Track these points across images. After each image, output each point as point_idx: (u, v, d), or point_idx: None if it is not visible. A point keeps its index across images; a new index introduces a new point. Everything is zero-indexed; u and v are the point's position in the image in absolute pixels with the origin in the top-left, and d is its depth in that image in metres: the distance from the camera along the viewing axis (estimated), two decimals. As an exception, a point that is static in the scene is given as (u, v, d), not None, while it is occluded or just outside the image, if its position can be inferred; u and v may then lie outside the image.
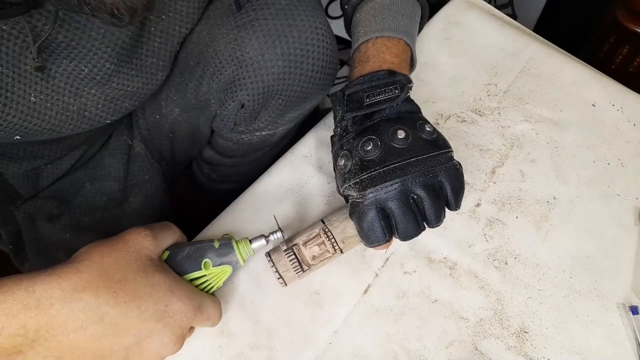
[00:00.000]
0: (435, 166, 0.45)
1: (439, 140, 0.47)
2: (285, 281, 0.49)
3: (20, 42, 0.44)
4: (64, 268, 0.40)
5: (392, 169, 0.45)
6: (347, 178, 0.47)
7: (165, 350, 0.43)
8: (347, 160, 0.48)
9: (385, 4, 0.56)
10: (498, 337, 0.52)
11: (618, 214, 0.59)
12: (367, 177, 0.46)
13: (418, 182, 0.45)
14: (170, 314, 0.43)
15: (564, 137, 0.64)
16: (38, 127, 0.51)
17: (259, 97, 0.57)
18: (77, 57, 0.49)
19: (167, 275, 0.44)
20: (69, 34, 0.47)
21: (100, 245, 0.43)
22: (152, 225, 0.47)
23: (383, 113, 0.48)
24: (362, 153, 0.47)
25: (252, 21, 0.54)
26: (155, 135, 0.72)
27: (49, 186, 0.67)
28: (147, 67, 0.56)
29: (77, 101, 0.52)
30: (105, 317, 0.40)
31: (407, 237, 0.47)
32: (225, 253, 0.49)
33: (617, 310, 0.53)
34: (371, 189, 0.45)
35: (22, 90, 0.47)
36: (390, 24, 0.55)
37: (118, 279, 0.41)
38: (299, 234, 0.50)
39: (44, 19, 0.44)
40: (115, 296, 0.40)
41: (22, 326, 0.37)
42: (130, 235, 0.45)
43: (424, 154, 0.46)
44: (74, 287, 0.39)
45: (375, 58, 0.53)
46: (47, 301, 0.38)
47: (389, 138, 0.46)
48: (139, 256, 0.43)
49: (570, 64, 0.71)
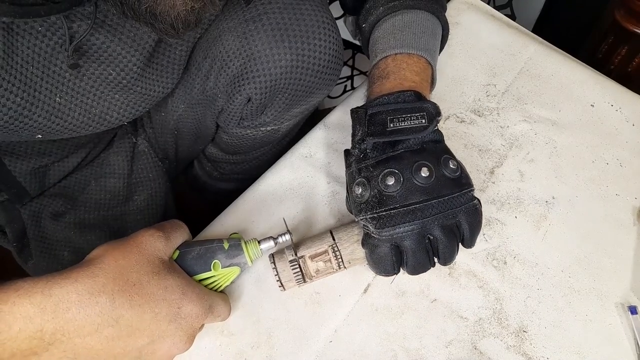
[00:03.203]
0: (456, 207, 0.45)
1: (462, 178, 0.46)
2: (284, 288, 0.50)
3: (52, 44, 0.45)
4: (79, 271, 0.40)
5: (412, 210, 0.44)
6: (364, 209, 0.46)
7: (176, 349, 0.44)
8: (364, 190, 0.46)
9: (406, 20, 0.55)
10: (497, 337, 0.52)
11: (617, 214, 0.59)
12: (386, 214, 0.44)
13: (437, 224, 0.44)
14: (183, 315, 0.43)
15: (562, 137, 0.65)
16: (60, 127, 0.51)
17: (266, 91, 0.57)
18: (106, 61, 0.49)
19: (179, 277, 0.45)
20: (101, 37, 0.47)
21: (113, 248, 0.43)
22: (163, 225, 0.47)
23: (407, 143, 0.46)
24: (382, 187, 0.45)
25: (260, 15, 0.54)
26: (160, 133, 0.73)
27: (56, 184, 0.68)
28: (166, 71, 0.57)
29: (100, 104, 0.53)
30: (120, 319, 0.40)
31: (416, 273, 0.47)
32: (234, 254, 0.49)
33: (615, 310, 0.54)
34: (389, 228, 0.44)
35: (49, 91, 0.48)
36: (410, 41, 0.53)
37: (133, 282, 0.41)
38: (306, 245, 0.50)
39: (78, 20, 0.44)
40: (130, 299, 0.41)
41: (39, 329, 0.38)
42: (142, 237, 0.45)
43: (446, 194, 0.44)
44: (90, 291, 0.40)
45: (396, 75, 0.52)
46: (64, 305, 0.39)
47: (412, 174, 0.44)
48: (152, 258, 0.44)
49: (569, 64, 0.71)
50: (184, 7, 0.39)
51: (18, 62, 0.44)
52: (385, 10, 0.56)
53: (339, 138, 0.63)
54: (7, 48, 0.42)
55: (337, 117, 0.65)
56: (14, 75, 0.44)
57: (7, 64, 0.43)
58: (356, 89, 0.69)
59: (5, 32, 0.42)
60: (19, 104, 0.45)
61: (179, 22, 0.40)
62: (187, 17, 0.41)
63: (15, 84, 0.44)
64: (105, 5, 0.44)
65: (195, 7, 0.40)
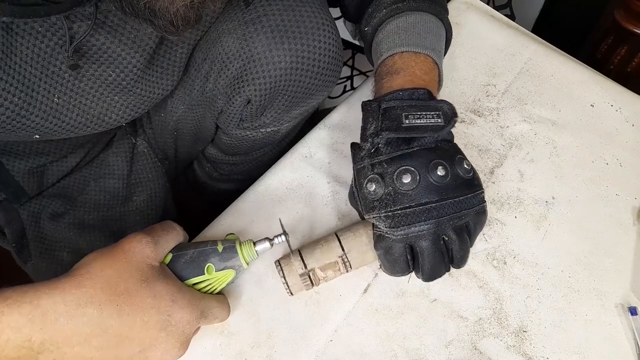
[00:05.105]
0: (469, 208, 0.45)
1: (474, 180, 0.46)
2: (292, 294, 0.50)
3: (52, 44, 0.45)
4: (67, 281, 0.40)
5: (428, 209, 0.43)
6: (377, 207, 0.45)
7: (169, 356, 0.44)
8: (378, 187, 0.45)
9: (410, 22, 0.54)
10: (497, 337, 0.52)
11: (616, 214, 0.59)
12: (401, 212, 0.44)
13: (451, 225, 0.44)
14: (173, 322, 0.43)
15: (562, 138, 0.65)
16: (58, 127, 0.51)
17: (266, 92, 0.57)
18: (106, 62, 0.49)
19: (169, 284, 0.44)
20: (101, 37, 0.47)
21: (100, 256, 0.43)
22: (154, 229, 0.47)
23: (422, 141, 0.45)
24: (398, 184, 0.44)
25: (260, 17, 0.54)
26: (160, 134, 0.73)
27: (54, 184, 0.68)
28: (166, 73, 0.56)
29: (99, 105, 0.53)
30: (109, 329, 0.40)
31: (432, 278, 0.46)
32: (228, 257, 0.48)
33: (615, 310, 0.54)
34: (403, 227, 0.44)
35: (47, 91, 0.47)
36: (416, 40, 0.52)
37: (120, 291, 0.41)
38: (314, 255, 0.49)
39: (79, 20, 0.44)
40: (118, 309, 0.41)
41: (28, 339, 0.38)
42: (130, 244, 0.44)
43: (461, 195, 0.44)
44: (78, 302, 0.39)
45: (406, 72, 0.51)
46: (52, 316, 0.38)
47: (428, 173, 0.44)
48: (140, 266, 0.43)
49: (568, 65, 0.71)
50: (183, 2, 0.39)
51: (17, 62, 0.43)
52: (388, 12, 0.55)
53: (339, 138, 0.63)
54: (6, 48, 0.42)
55: (337, 117, 0.65)
56: (12, 75, 0.44)
57: (5, 64, 0.43)
58: (356, 89, 0.69)
59: (5, 32, 0.41)
60: (16, 104, 0.45)
61: (178, 18, 0.40)
62: (186, 13, 0.40)
63: (14, 84, 0.44)
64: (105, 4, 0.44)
65: (195, 2, 0.40)
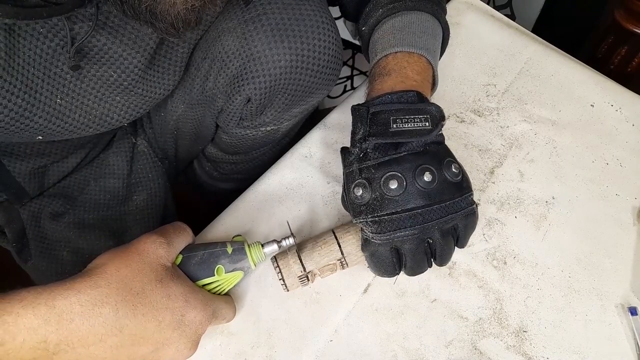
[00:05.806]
0: (456, 211, 0.45)
1: (463, 182, 0.46)
2: (288, 290, 0.51)
3: (54, 45, 0.45)
4: (82, 282, 0.40)
5: (414, 215, 0.44)
6: (364, 211, 0.46)
7: (180, 356, 0.44)
8: (365, 192, 0.45)
9: (405, 21, 0.54)
10: (497, 337, 0.52)
11: (617, 214, 0.59)
12: (387, 218, 0.44)
13: (436, 228, 0.44)
14: (186, 322, 0.44)
15: (562, 137, 0.65)
16: (60, 128, 0.51)
17: (266, 91, 0.57)
18: (107, 62, 0.49)
19: (182, 284, 0.45)
20: (102, 38, 0.47)
21: (115, 257, 0.43)
22: (166, 230, 0.47)
23: (410, 145, 0.46)
24: (385, 190, 0.44)
25: (260, 15, 0.54)
26: (160, 133, 0.73)
27: (55, 184, 0.68)
28: (167, 73, 0.57)
29: (100, 106, 0.53)
30: (124, 329, 0.40)
31: (414, 274, 0.47)
32: (238, 259, 0.49)
33: (615, 310, 0.54)
34: (389, 232, 0.44)
35: (50, 92, 0.47)
36: (410, 40, 0.53)
37: (136, 291, 0.41)
38: (312, 256, 0.50)
39: (80, 21, 0.44)
40: (133, 309, 0.41)
41: (43, 340, 0.38)
42: (144, 244, 0.44)
43: (448, 199, 0.44)
44: (93, 302, 0.40)
45: (397, 73, 0.51)
46: (68, 316, 0.39)
47: (414, 178, 0.44)
48: (155, 266, 0.44)
49: (568, 65, 0.71)
50: (184, 5, 0.39)
51: (19, 64, 0.44)
52: (384, 12, 0.56)
53: (339, 138, 0.63)
54: (8, 50, 0.42)
55: (337, 117, 0.65)
56: (15, 77, 0.44)
57: (8, 65, 0.43)
58: (356, 89, 0.69)
59: (7, 33, 0.41)
60: (19, 106, 0.45)
61: (179, 21, 0.40)
62: (187, 15, 0.40)
63: (17, 86, 0.44)
64: (106, 5, 0.44)
65: (196, 5, 0.40)
